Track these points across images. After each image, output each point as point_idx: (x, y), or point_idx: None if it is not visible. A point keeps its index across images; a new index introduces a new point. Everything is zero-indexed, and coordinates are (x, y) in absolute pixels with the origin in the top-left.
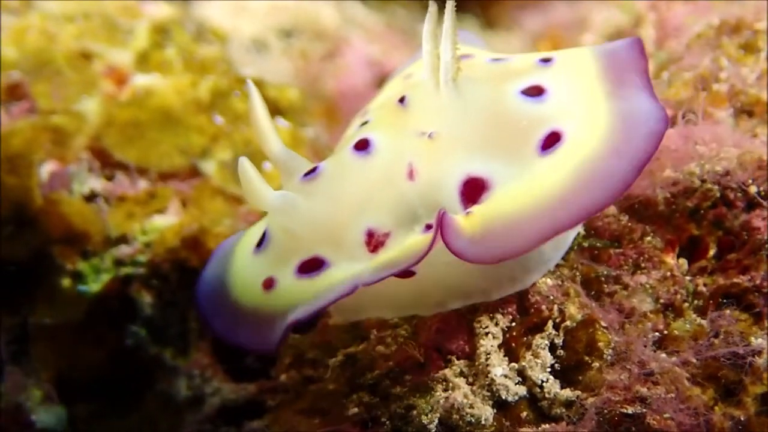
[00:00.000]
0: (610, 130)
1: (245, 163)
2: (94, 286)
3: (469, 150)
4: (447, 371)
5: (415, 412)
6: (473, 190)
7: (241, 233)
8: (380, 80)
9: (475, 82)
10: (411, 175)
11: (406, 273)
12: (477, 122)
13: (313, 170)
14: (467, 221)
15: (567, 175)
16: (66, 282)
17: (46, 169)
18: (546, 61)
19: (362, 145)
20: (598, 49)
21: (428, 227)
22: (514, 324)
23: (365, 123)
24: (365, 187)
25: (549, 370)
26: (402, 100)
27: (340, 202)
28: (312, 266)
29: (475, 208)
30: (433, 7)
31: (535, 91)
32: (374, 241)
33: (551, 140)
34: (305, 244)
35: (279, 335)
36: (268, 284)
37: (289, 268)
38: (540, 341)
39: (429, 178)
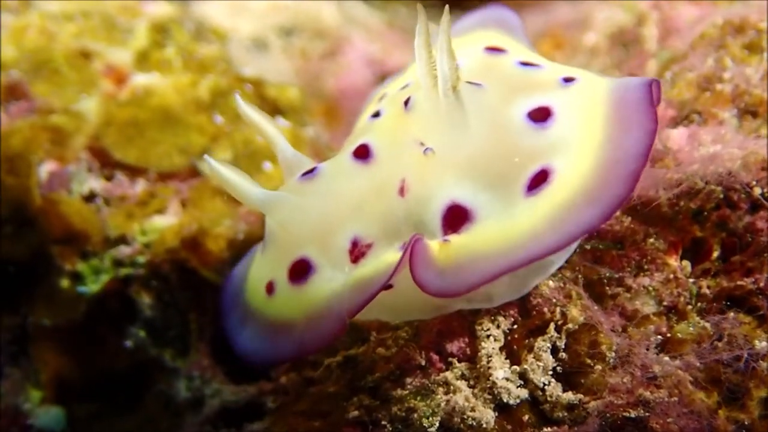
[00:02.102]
0: (591, 173)
1: (216, 165)
2: (94, 286)
3: (461, 175)
4: (448, 374)
5: (415, 415)
6: (456, 218)
7: None
8: (381, 79)
9: (481, 94)
10: (402, 191)
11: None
12: (474, 144)
13: (312, 170)
14: (441, 251)
15: (541, 220)
16: (65, 282)
17: (46, 168)
18: (568, 80)
19: (361, 153)
20: (614, 83)
21: (405, 245)
22: (515, 326)
23: (376, 114)
24: (358, 194)
25: (551, 373)
26: (407, 102)
27: (333, 205)
28: (300, 271)
29: (452, 238)
30: (422, 15)
31: (541, 115)
32: (357, 251)
33: (539, 179)
34: (296, 241)
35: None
36: (270, 288)
37: (283, 270)
38: (542, 344)
39: (417, 197)
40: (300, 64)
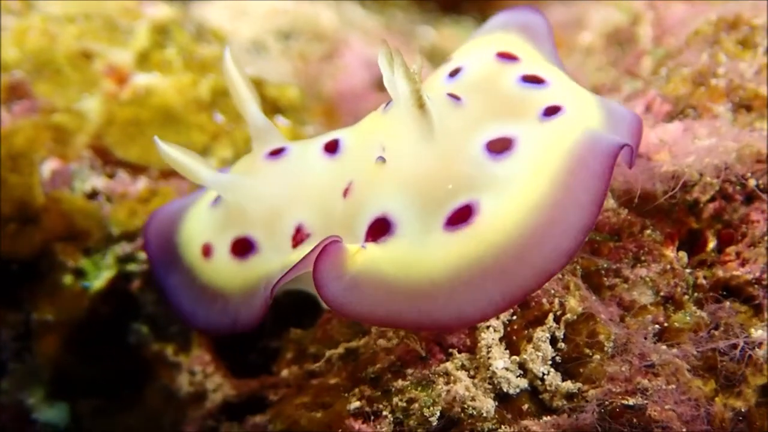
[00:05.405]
0: (515, 233)
1: (166, 148)
2: (96, 282)
3: (400, 189)
4: (448, 364)
5: (416, 405)
6: (379, 229)
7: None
8: (379, 81)
9: (453, 114)
10: (346, 192)
11: None
12: (425, 162)
13: (281, 151)
14: (354, 258)
15: (446, 270)
16: (68, 279)
17: (48, 167)
18: (553, 112)
19: (331, 147)
20: (588, 132)
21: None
22: (514, 317)
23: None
24: (314, 187)
25: (550, 362)
26: (387, 104)
27: (289, 193)
28: (243, 248)
29: (369, 246)
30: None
31: (501, 146)
32: (298, 237)
33: (462, 215)
34: (247, 220)
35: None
36: (207, 251)
37: (226, 240)
38: (541, 334)
39: (356, 202)
40: (299, 66)
